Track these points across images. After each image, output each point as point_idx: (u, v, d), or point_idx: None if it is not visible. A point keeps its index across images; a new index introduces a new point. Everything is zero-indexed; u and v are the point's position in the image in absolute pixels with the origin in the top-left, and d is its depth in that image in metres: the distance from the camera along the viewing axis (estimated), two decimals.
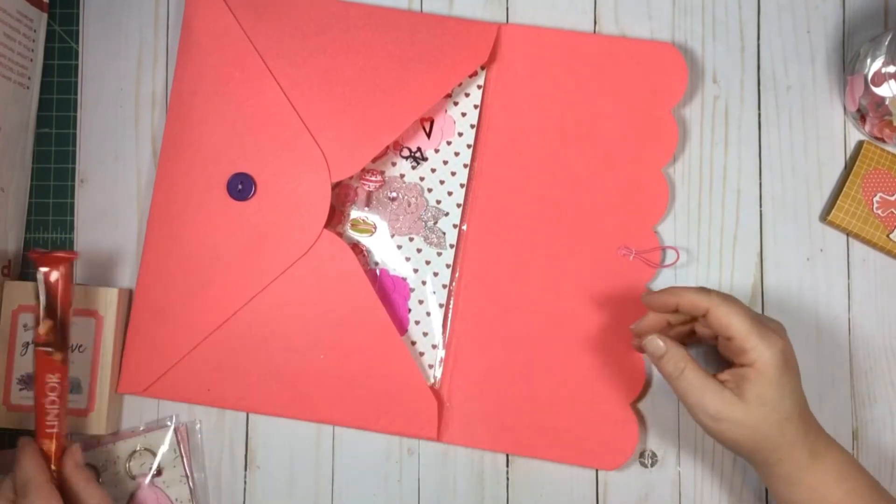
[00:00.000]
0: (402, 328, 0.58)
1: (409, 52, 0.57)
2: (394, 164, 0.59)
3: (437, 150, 0.59)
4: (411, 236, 0.58)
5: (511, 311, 0.57)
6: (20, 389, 0.56)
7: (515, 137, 0.58)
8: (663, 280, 0.58)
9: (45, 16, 0.59)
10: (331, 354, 0.56)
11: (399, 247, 0.58)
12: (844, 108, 0.59)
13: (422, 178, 0.58)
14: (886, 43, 0.54)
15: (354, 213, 0.58)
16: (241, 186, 0.56)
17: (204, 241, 0.56)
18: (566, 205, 0.57)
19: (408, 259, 0.58)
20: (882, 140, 0.57)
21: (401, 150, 0.59)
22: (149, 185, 0.59)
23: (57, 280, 0.51)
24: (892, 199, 0.57)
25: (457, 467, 0.58)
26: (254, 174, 0.56)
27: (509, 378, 0.56)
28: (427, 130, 0.59)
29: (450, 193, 0.58)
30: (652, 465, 0.57)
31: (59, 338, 0.51)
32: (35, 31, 0.58)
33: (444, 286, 0.58)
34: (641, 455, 0.57)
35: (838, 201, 0.57)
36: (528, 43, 0.58)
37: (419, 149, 0.59)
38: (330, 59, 0.57)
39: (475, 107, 0.58)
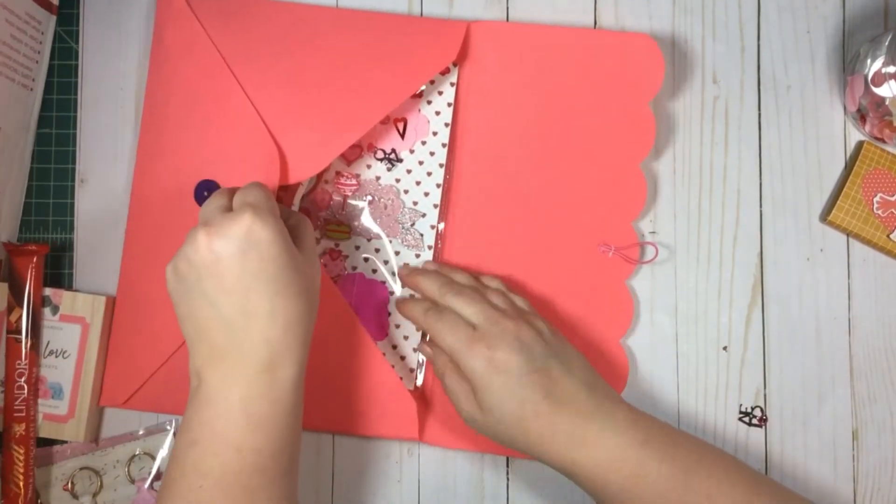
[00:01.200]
0: (383, 332, 0.57)
1: (378, 53, 0.56)
2: (369, 167, 0.58)
3: (412, 151, 0.58)
4: (389, 239, 0.58)
5: None
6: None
7: (491, 134, 0.57)
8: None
9: (53, 18, 0.59)
10: (309, 361, 0.55)
11: (377, 250, 0.58)
12: (844, 108, 0.59)
13: (398, 180, 0.58)
14: (886, 43, 0.54)
15: (329, 218, 0.58)
16: (206, 193, 0.55)
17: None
18: (544, 202, 0.57)
19: (386, 262, 0.58)
20: (882, 140, 0.57)
21: (375, 152, 0.58)
22: None
23: (28, 271, 0.55)
24: (892, 199, 0.57)
25: (457, 467, 0.58)
26: (220, 180, 0.55)
27: None
28: (401, 131, 0.58)
29: (426, 194, 0.58)
30: None
31: (29, 326, 0.54)
32: (42, 32, 0.58)
33: None
34: None
35: (838, 201, 0.57)
36: (500, 38, 0.57)
37: (393, 150, 0.58)
38: (297, 62, 0.56)
39: (449, 105, 0.58)
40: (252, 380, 0.44)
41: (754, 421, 0.57)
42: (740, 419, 0.57)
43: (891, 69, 0.54)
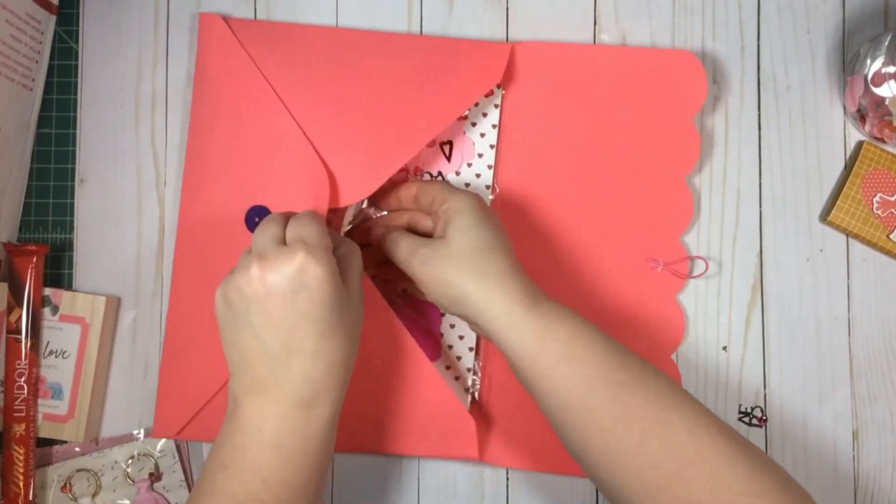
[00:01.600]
0: (436, 353, 0.57)
1: (423, 76, 0.55)
2: None
3: (457, 173, 0.58)
4: None
5: None
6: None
7: (536, 154, 0.57)
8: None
9: (53, 18, 0.59)
10: (364, 384, 0.54)
11: None
12: (844, 108, 0.59)
13: None
14: (886, 43, 0.54)
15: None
16: (257, 219, 0.54)
17: None
18: (591, 219, 0.57)
19: None
20: (882, 140, 0.57)
21: (421, 175, 0.58)
22: (149, 185, 0.59)
23: (27, 271, 0.55)
24: (892, 199, 0.57)
25: (457, 467, 0.57)
26: (270, 205, 0.54)
27: None
28: (447, 154, 0.58)
29: None
30: None
31: (29, 326, 0.54)
32: (42, 32, 0.58)
33: None
34: None
35: (838, 201, 0.57)
36: (543, 59, 0.57)
37: (440, 173, 0.58)
38: (342, 85, 0.55)
39: (493, 126, 0.57)
40: (287, 414, 0.44)
41: (754, 421, 0.57)
42: (740, 419, 0.57)
43: (891, 69, 0.54)
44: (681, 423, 0.44)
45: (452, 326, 0.57)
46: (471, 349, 0.57)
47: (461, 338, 0.57)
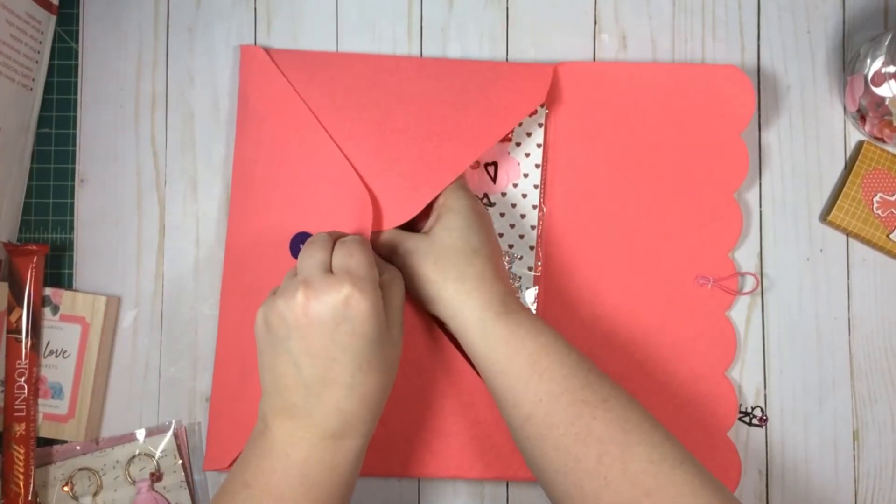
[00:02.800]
0: None
1: (465, 99, 0.55)
2: None
3: (503, 195, 0.57)
4: None
5: (591, 350, 0.56)
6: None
7: (582, 173, 0.57)
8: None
9: (53, 18, 0.59)
10: (416, 407, 0.54)
11: None
12: (844, 108, 0.59)
13: None
14: (886, 43, 0.54)
15: None
16: (301, 246, 0.53)
17: None
18: (639, 237, 0.56)
19: None
20: (882, 140, 0.57)
21: None
22: (149, 185, 0.59)
23: (28, 271, 0.55)
24: (892, 199, 0.57)
25: (457, 479, 0.57)
26: (314, 231, 0.53)
27: None
28: (492, 175, 0.57)
29: (521, 237, 0.57)
30: None
31: (29, 326, 0.54)
32: (42, 32, 0.58)
33: None
34: None
35: (838, 201, 0.57)
36: (586, 77, 0.57)
37: (486, 195, 0.57)
38: (383, 111, 0.55)
39: (538, 146, 0.57)
40: (316, 444, 0.44)
41: (754, 421, 0.57)
42: (740, 419, 0.57)
43: (891, 69, 0.54)
44: (641, 451, 0.44)
45: None
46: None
47: None
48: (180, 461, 0.57)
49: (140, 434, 0.57)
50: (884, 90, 0.54)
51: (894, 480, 0.57)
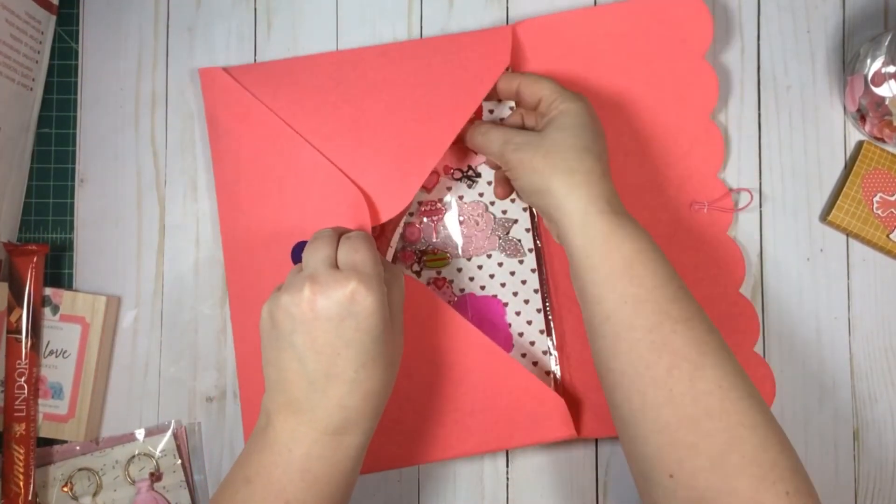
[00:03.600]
0: (509, 344, 0.57)
1: (431, 77, 0.56)
2: (449, 189, 0.58)
3: (487, 163, 0.58)
4: (489, 253, 0.57)
5: None
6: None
7: None
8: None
9: (53, 18, 0.59)
10: (443, 391, 0.54)
11: (480, 267, 0.57)
12: (844, 108, 0.59)
13: (481, 195, 0.58)
14: (886, 43, 0.54)
15: (425, 249, 0.58)
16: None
17: None
18: (627, 176, 0.56)
19: (492, 276, 0.57)
20: (882, 140, 0.57)
21: (452, 173, 0.58)
22: (149, 185, 0.59)
23: (28, 271, 0.55)
24: (892, 199, 0.57)
25: (456, 466, 0.57)
26: None
27: None
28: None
29: (513, 200, 0.58)
30: None
31: (29, 326, 0.54)
32: (42, 32, 0.58)
33: (536, 291, 0.57)
34: None
35: (838, 201, 0.57)
36: (547, 32, 0.57)
37: (469, 167, 0.58)
38: (355, 106, 0.55)
39: (511, 109, 0.58)
40: (318, 440, 0.44)
41: None
42: None
43: (891, 69, 0.54)
44: (712, 373, 0.44)
45: (518, 314, 0.57)
46: (541, 332, 0.57)
47: (529, 323, 0.57)
48: (180, 461, 0.57)
49: (140, 434, 0.57)
50: (884, 90, 0.54)
51: (894, 480, 0.57)
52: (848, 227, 0.57)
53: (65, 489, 0.57)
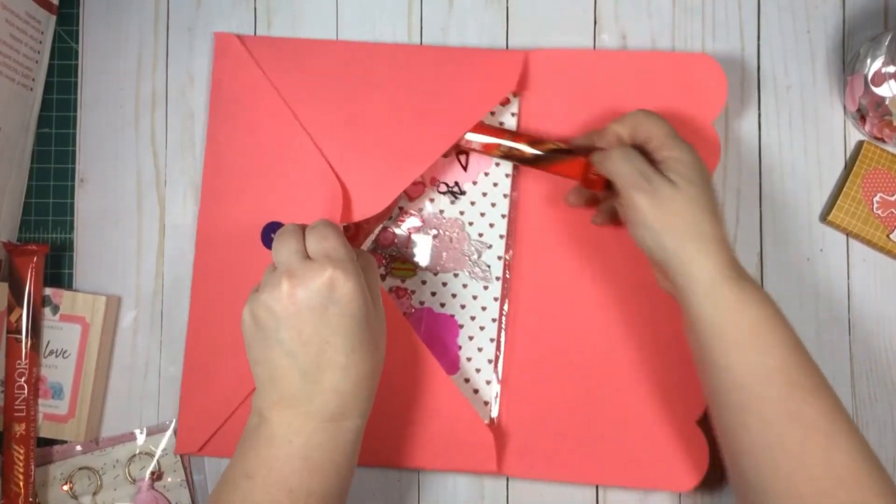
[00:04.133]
0: (455, 367, 0.57)
1: (436, 86, 0.55)
2: (432, 201, 0.58)
3: (475, 183, 0.57)
4: (456, 272, 0.57)
5: (564, 337, 0.56)
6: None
7: None
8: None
9: (53, 18, 0.59)
10: (384, 399, 0.53)
11: (444, 284, 0.57)
12: (844, 108, 0.59)
13: (462, 213, 0.57)
14: (886, 43, 0.54)
15: (395, 255, 0.57)
16: (272, 236, 0.53)
17: (247, 295, 0.55)
18: (614, 226, 0.56)
19: (454, 296, 0.57)
20: (882, 140, 0.57)
21: (438, 186, 0.58)
22: (149, 185, 0.59)
23: (28, 271, 0.55)
24: (892, 199, 0.57)
25: (457, 474, 0.57)
26: (284, 221, 0.54)
27: (568, 405, 0.55)
28: (463, 163, 0.58)
29: (491, 225, 0.57)
30: None
31: (29, 326, 0.55)
32: (42, 32, 0.58)
33: (494, 320, 0.57)
34: None
35: (838, 201, 0.57)
36: (558, 66, 0.57)
37: (456, 183, 0.57)
38: (356, 100, 0.55)
39: (513, 115, 0.57)
40: (317, 428, 0.44)
41: None
42: None
43: (891, 69, 0.54)
44: (844, 445, 0.44)
45: (471, 338, 0.57)
46: (490, 361, 0.57)
47: (480, 350, 0.57)
48: (180, 461, 0.57)
49: (140, 433, 0.57)
50: (884, 90, 0.54)
51: (894, 480, 0.57)
52: (848, 227, 0.57)
53: (65, 488, 0.57)
